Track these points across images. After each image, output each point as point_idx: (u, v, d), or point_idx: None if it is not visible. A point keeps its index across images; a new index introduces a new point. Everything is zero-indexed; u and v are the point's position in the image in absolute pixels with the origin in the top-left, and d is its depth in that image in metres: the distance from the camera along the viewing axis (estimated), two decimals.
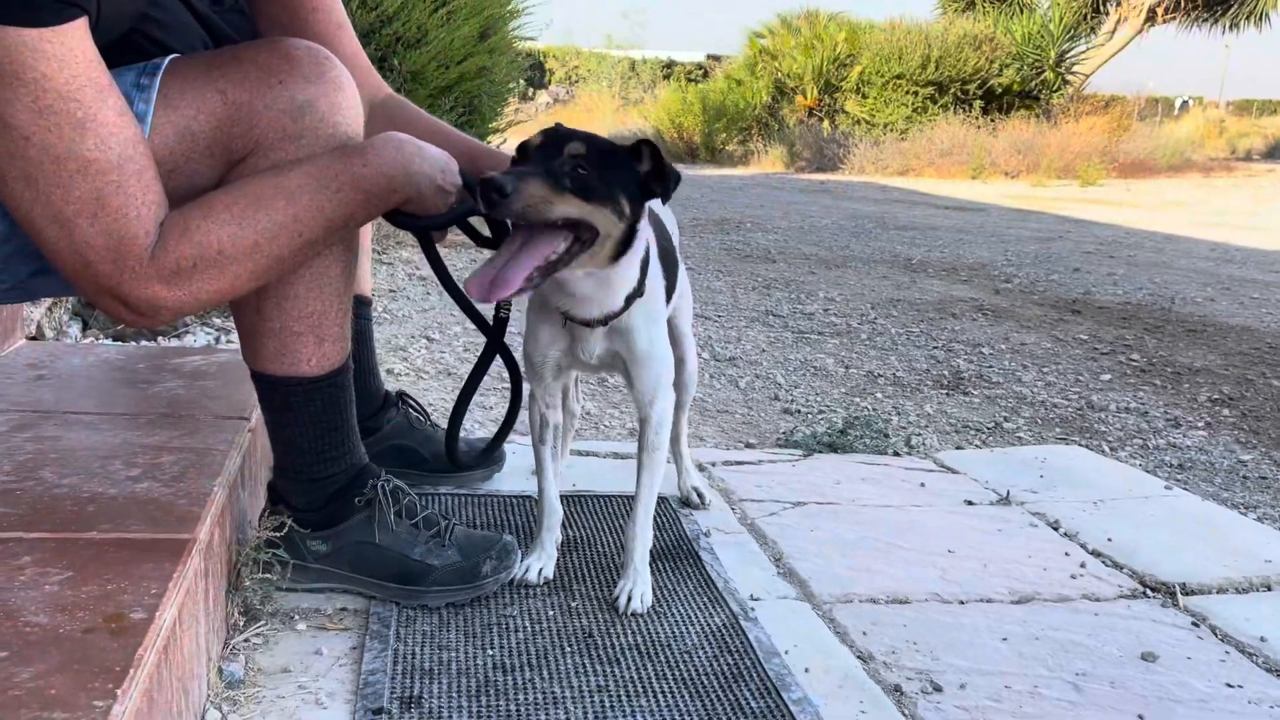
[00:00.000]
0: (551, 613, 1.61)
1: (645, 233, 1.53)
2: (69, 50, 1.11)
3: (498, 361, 1.70)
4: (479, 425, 2.74)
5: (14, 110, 1.10)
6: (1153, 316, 5.14)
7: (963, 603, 1.81)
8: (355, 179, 1.30)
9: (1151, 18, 19.25)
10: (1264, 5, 19.01)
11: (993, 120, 16.45)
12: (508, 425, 1.82)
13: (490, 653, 1.48)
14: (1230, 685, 1.60)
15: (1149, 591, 1.92)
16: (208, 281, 1.25)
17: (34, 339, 2.32)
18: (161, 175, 1.23)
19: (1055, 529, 2.19)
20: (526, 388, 1.74)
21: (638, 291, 1.55)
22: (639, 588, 1.65)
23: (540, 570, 1.70)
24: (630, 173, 1.43)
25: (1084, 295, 5.66)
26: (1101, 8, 19.73)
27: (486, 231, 1.61)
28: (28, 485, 1.33)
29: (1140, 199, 12.56)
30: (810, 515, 2.15)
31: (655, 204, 1.80)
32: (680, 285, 1.89)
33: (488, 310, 1.69)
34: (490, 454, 2.00)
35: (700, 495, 2.11)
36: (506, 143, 6.10)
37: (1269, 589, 1.97)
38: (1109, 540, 2.13)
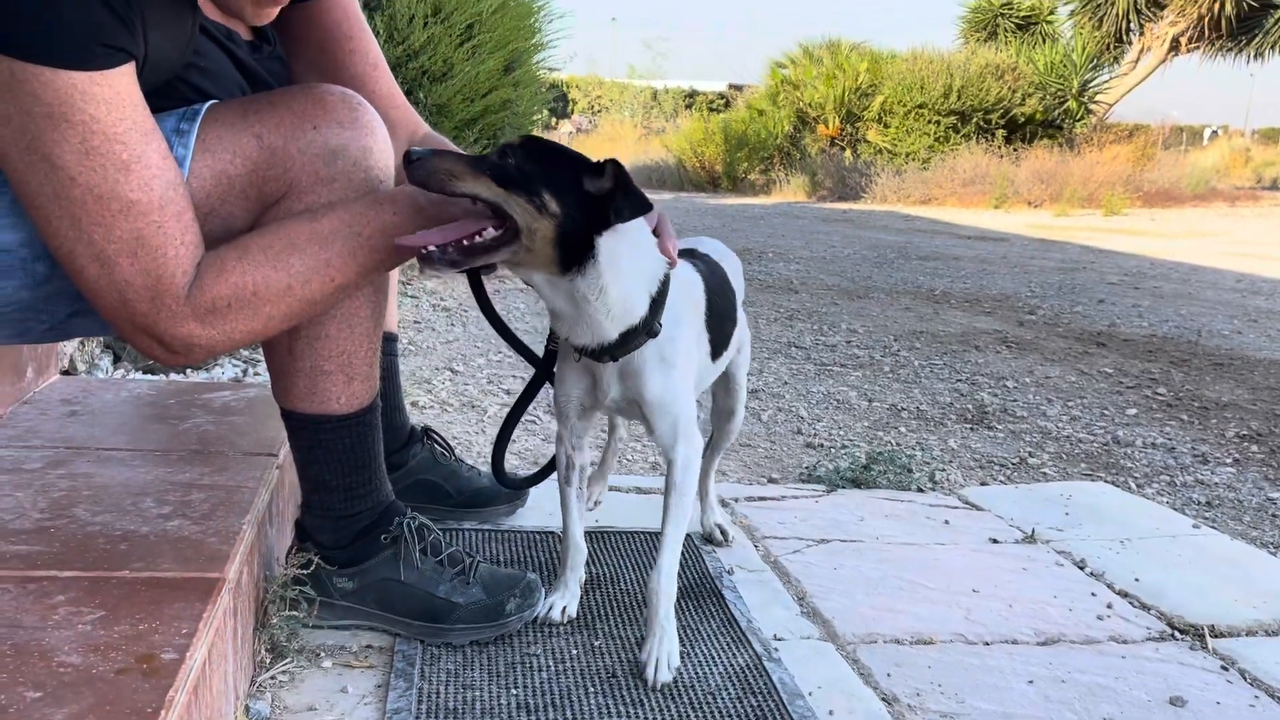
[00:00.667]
0: (575, 651, 1.62)
1: (645, 262, 1.48)
2: (117, 93, 1.14)
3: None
4: None
5: (62, 151, 1.13)
6: (1179, 349, 5.10)
7: (988, 644, 1.80)
8: (386, 227, 1.32)
9: (1175, 47, 19.19)
10: None
11: (1015, 149, 16.41)
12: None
13: (514, 692, 1.48)
14: None
15: (1177, 633, 1.90)
16: (241, 321, 1.27)
17: (67, 373, 2.36)
18: (198, 218, 1.26)
19: (1081, 568, 2.17)
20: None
21: (647, 330, 1.49)
22: (665, 646, 1.57)
23: (564, 609, 1.71)
24: (569, 176, 1.38)
25: (1109, 327, 5.63)
26: (1124, 37, 19.70)
27: None
28: (61, 523, 1.36)
29: (1165, 229, 12.49)
30: (834, 553, 2.15)
31: (714, 250, 1.83)
32: (739, 336, 1.89)
33: (538, 345, 1.72)
34: (537, 481, 1.97)
35: (723, 532, 2.11)
36: None
37: None
38: (1136, 580, 2.11)
